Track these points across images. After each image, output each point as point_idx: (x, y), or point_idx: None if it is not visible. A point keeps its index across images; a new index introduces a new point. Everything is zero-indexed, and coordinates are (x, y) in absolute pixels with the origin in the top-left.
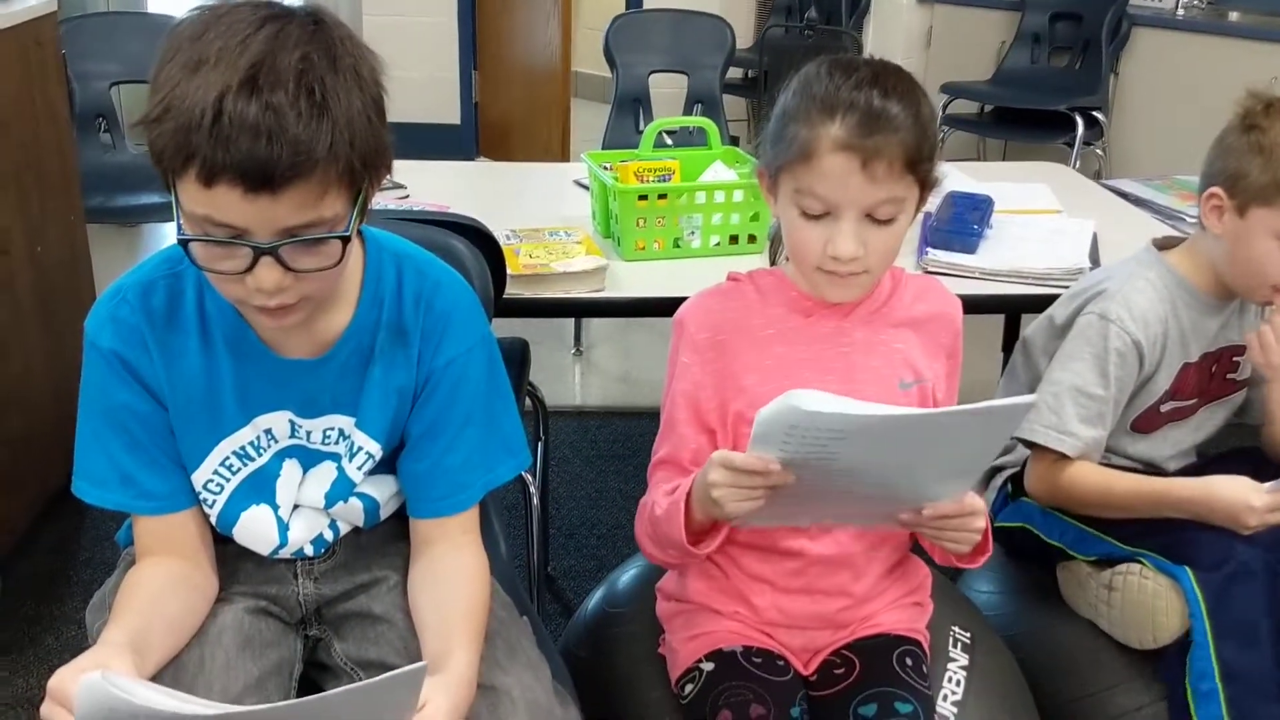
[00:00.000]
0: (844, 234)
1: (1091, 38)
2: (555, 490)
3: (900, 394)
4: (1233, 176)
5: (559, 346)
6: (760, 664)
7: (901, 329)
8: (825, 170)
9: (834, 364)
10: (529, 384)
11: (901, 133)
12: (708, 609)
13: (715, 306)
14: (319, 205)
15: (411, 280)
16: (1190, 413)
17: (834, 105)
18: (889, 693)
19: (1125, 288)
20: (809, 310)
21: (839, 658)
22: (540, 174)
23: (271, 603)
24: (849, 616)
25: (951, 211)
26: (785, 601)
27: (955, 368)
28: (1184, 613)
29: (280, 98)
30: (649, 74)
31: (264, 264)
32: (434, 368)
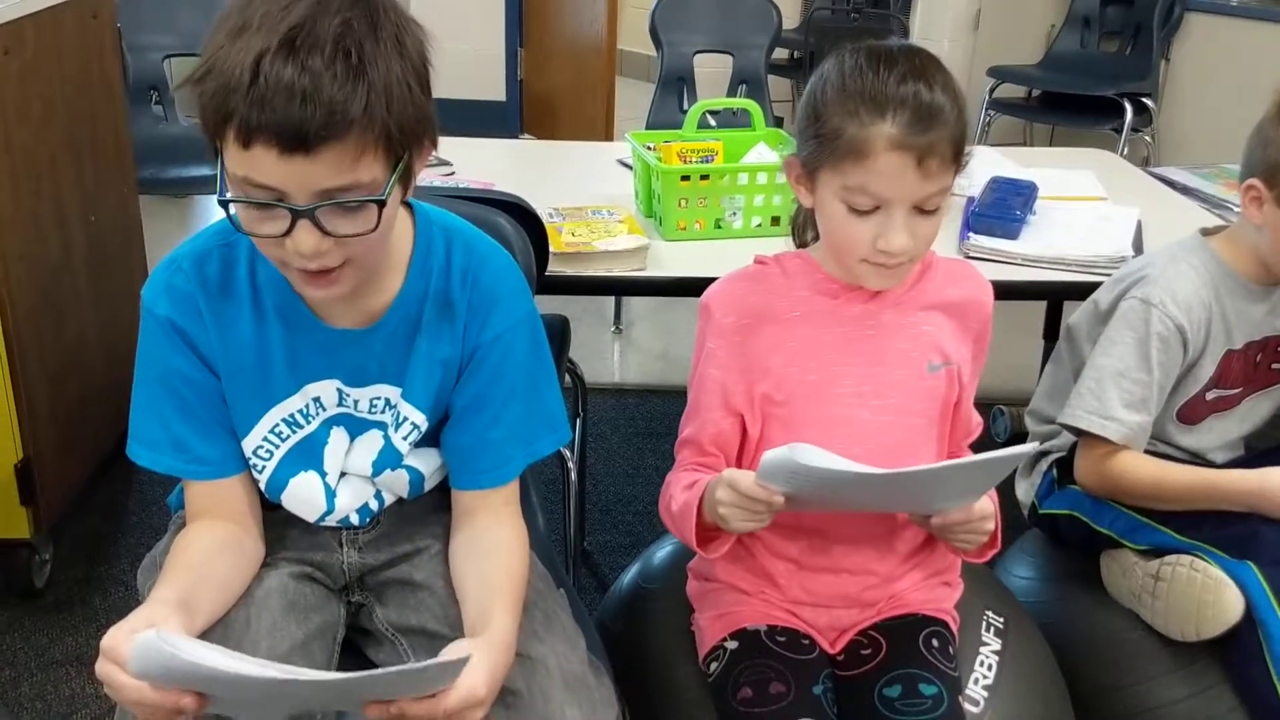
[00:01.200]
0: (896, 228)
1: (1143, 22)
2: (593, 467)
3: (929, 376)
4: (1273, 167)
5: (599, 324)
6: (784, 643)
7: (931, 311)
8: (880, 169)
9: (861, 346)
10: (569, 361)
11: (950, 125)
12: (734, 589)
13: (741, 291)
14: (355, 168)
15: (460, 254)
16: (1235, 402)
17: (883, 102)
18: (914, 674)
19: (1168, 272)
20: (836, 293)
21: (865, 638)
22: (584, 153)
23: (316, 569)
24: (875, 595)
25: (994, 197)
26: (810, 580)
27: (981, 351)
28: (1232, 608)
29: (316, 60)
30: (694, 53)
31: (301, 226)
32: (480, 342)
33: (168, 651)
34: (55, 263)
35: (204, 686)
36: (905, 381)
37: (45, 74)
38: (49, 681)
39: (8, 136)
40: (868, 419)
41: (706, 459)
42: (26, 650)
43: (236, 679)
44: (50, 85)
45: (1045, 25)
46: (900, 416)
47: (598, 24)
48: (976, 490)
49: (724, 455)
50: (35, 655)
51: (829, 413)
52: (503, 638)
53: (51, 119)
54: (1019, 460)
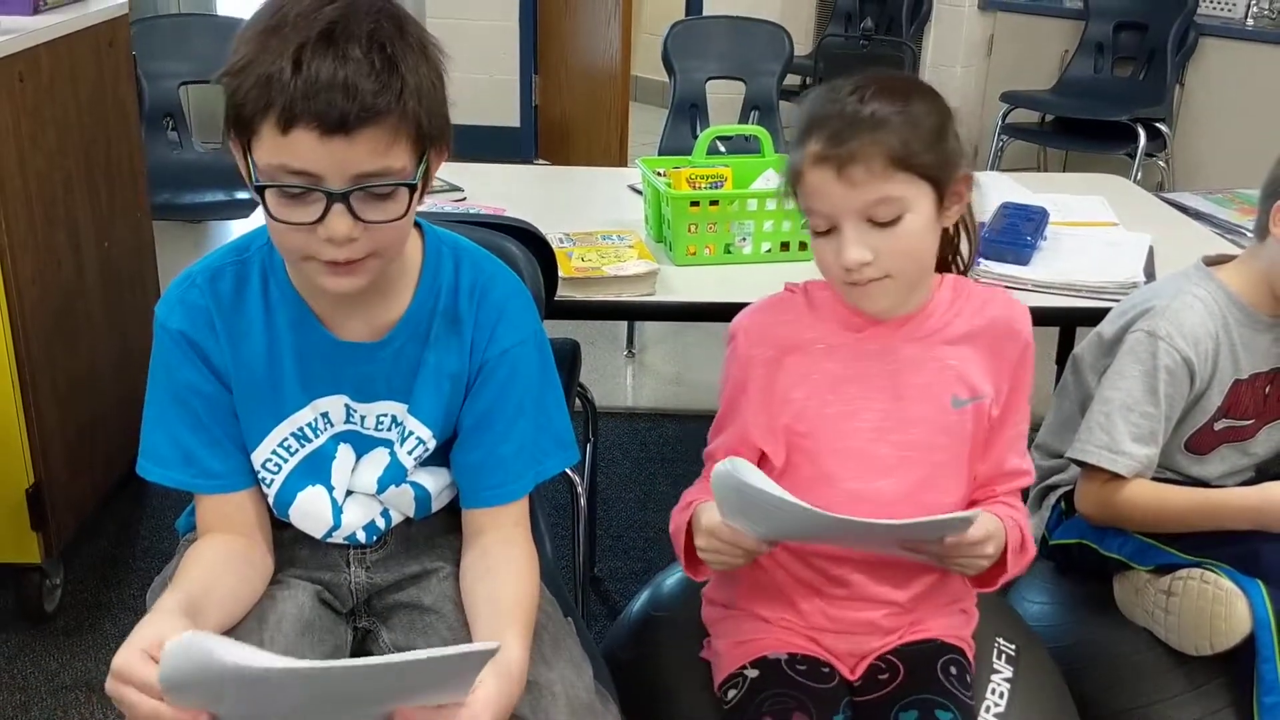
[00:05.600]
0: (846, 242)
1: (1157, 47)
2: (604, 492)
3: (953, 412)
4: None
5: (612, 348)
6: (804, 671)
7: (959, 344)
8: (812, 186)
9: (881, 381)
10: (579, 385)
11: (878, 132)
12: (755, 615)
13: (768, 321)
14: (389, 154)
15: (468, 271)
16: (1249, 433)
17: (811, 124)
18: (930, 700)
19: (1174, 304)
20: (859, 326)
21: (884, 662)
22: (596, 178)
23: (326, 589)
24: (896, 622)
25: (1005, 223)
26: (832, 608)
27: (1024, 382)
28: (1243, 618)
29: (355, 51)
30: (706, 80)
31: (336, 211)
32: (487, 358)
33: (203, 655)
34: (68, 287)
35: (233, 690)
36: (928, 417)
37: (60, 100)
38: (59, 706)
39: (23, 161)
40: (888, 454)
41: None
42: (37, 675)
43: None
44: (65, 111)
45: (1059, 50)
46: (923, 452)
47: (612, 51)
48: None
49: None
50: (45, 680)
51: (849, 446)
52: (514, 668)
53: (66, 145)
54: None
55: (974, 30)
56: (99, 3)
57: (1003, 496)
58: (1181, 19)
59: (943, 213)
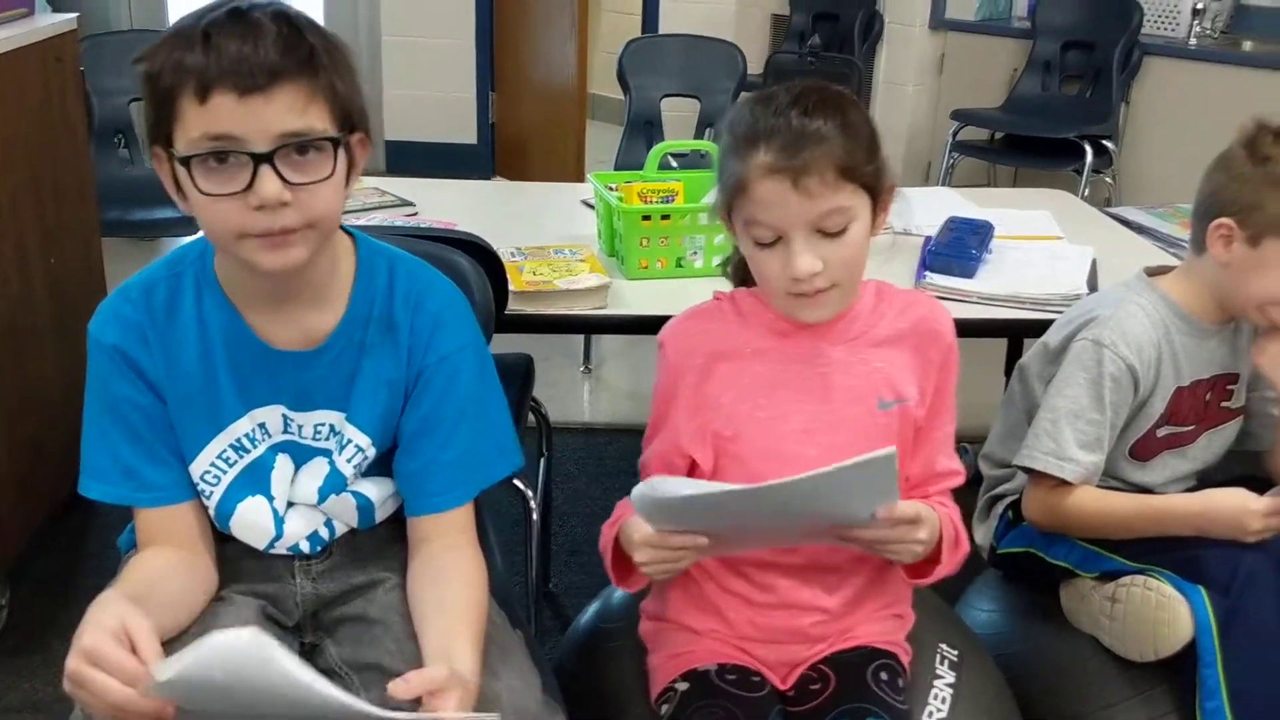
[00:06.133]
0: (797, 253)
1: (1103, 66)
2: (560, 507)
3: (879, 414)
4: (1246, 208)
5: (568, 363)
6: (734, 681)
7: (884, 347)
8: (762, 197)
9: (810, 384)
10: (533, 399)
11: (827, 144)
12: (685, 628)
13: (697, 329)
14: (307, 112)
15: (403, 280)
16: (1189, 439)
17: (756, 135)
18: (860, 708)
19: (1118, 313)
20: (786, 331)
21: (815, 672)
22: (550, 194)
23: (270, 603)
24: (824, 630)
25: (951, 236)
26: (760, 616)
27: (948, 382)
28: (1186, 624)
29: (261, 18)
30: (662, 97)
31: (263, 174)
32: (426, 364)
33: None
34: (14, 304)
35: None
36: (855, 419)
37: (7, 115)
38: None
39: None
40: (816, 456)
41: None
42: None
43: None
44: (12, 126)
45: (1008, 69)
46: (851, 454)
47: (568, 68)
48: (874, 497)
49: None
50: None
51: (777, 449)
52: (469, 676)
53: (12, 160)
54: (886, 463)
55: (925, 49)
56: (47, 19)
57: (936, 496)
58: (1126, 38)
59: (875, 223)
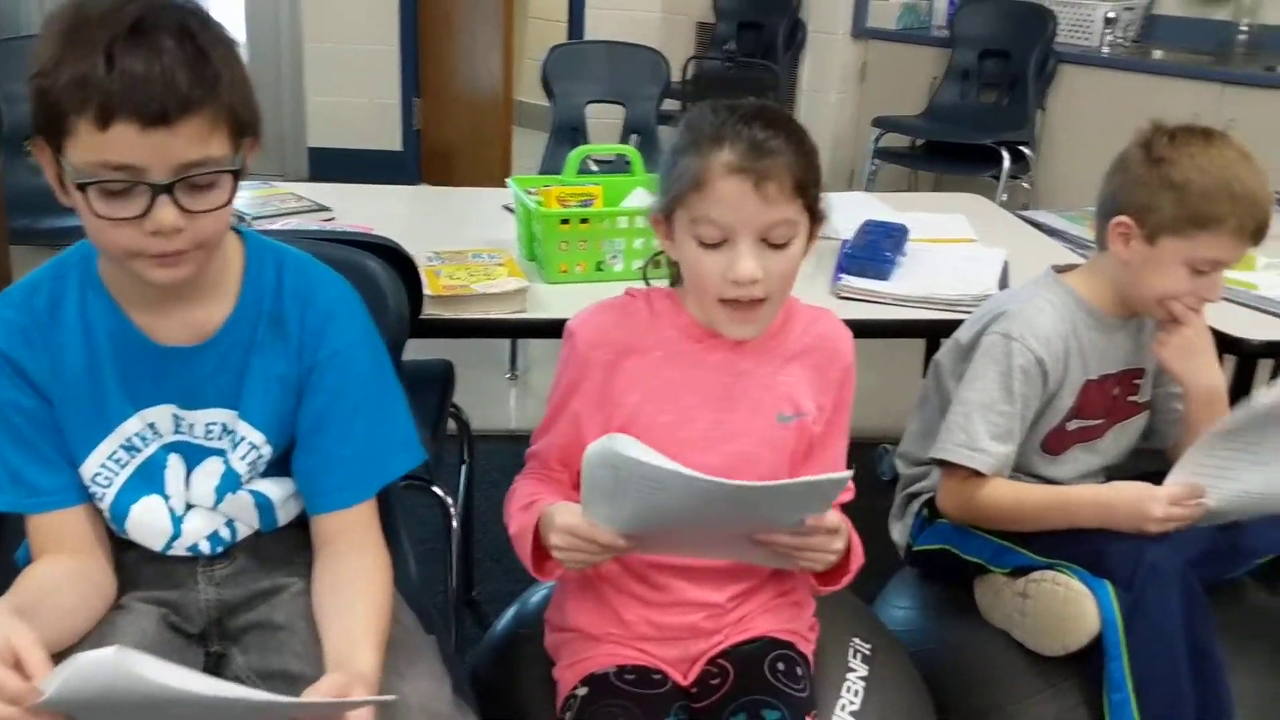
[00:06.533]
0: (743, 255)
1: (1019, 74)
2: (485, 514)
3: (778, 426)
4: (1143, 208)
5: (494, 370)
6: (633, 680)
7: (791, 363)
8: (720, 195)
9: (715, 392)
10: (453, 406)
11: (787, 157)
12: (584, 635)
13: (607, 323)
14: (209, 142)
15: (291, 276)
16: (1098, 433)
17: (722, 135)
18: (757, 700)
19: (1027, 308)
20: (700, 337)
21: (715, 666)
22: (471, 199)
23: (173, 611)
24: (717, 624)
25: (866, 239)
26: (655, 615)
27: (845, 402)
28: (1093, 619)
29: (167, 42)
30: (586, 103)
31: (161, 203)
32: (318, 360)
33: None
34: None
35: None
36: (755, 430)
37: None
38: None
39: None
40: (717, 463)
41: (552, 473)
42: None
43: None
44: None
45: (928, 77)
46: (749, 464)
47: (493, 75)
48: (808, 512)
49: (569, 471)
50: None
51: (679, 454)
52: (371, 679)
53: None
54: (839, 485)
55: (847, 57)
56: None
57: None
58: (1041, 47)
59: (807, 247)
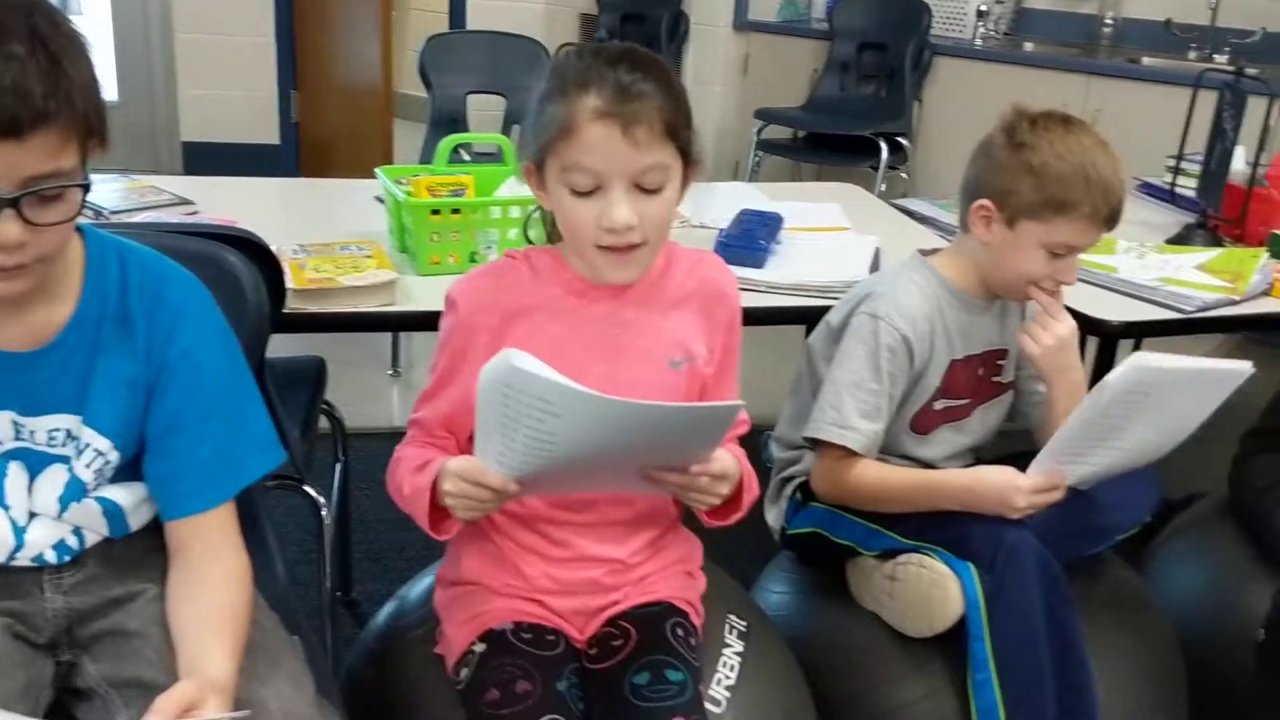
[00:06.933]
0: (616, 202)
1: (896, 66)
2: (365, 514)
3: (670, 372)
4: (1003, 191)
5: (376, 366)
6: (530, 640)
7: (676, 308)
8: (589, 141)
9: (604, 344)
10: (325, 403)
11: (656, 100)
12: (481, 586)
13: (489, 288)
14: (60, 156)
15: (136, 273)
16: (964, 413)
17: (587, 80)
18: (661, 660)
19: (893, 289)
20: (583, 291)
21: (616, 628)
22: (342, 191)
23: (18, 620)
24: (618, 580)
25: (741, 228)
26: (555, 569)
27: (734, 343)
28: (957, 600)
29: (17, 48)
30: (466, 94)
31: (5, 217)
32: (167, 360)
33: None
34: None
35: None
36: (646, 377)
37: None
38: None
39: None
40: None
41: (436, 439)
42: None
43: None
44: None
45: (809, 70)
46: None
47: (372, 66)
48: (702, 443)
49: (454, 437)
50: None
51: None
52: (223, 682)
53: None
54: (732, 412)
55: (730, 50)
56: None
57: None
58: (917, 39)
59: (681, 192)
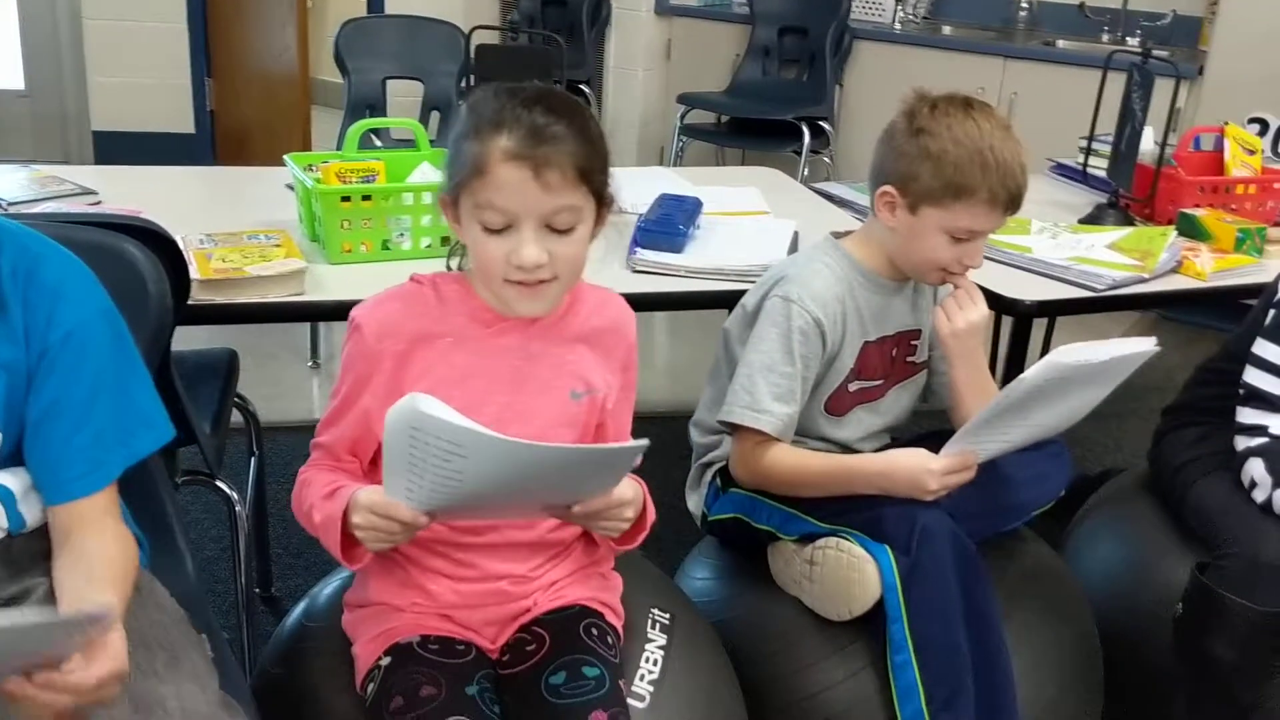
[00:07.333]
0: (526, 241)
1: (817, 51)
2: (284, 509)
3: (571, 403)
4: (905, 177)
5: (295, 359)
6: (436, 650)
7: (579, 343)
8: (500, 181)
9: (507, 375)
10: (238, 396)
11: (569, 144)
12: (388, 606)
13: (395, 313)
14: None
15: (9, 253)
16: (878, 394)
17: (501, 121)
18: (576, 659)
19: (805, 271)
20: (490, 321)
21: (529, 634)
22: (252, 179)
23: None
24: (524, 589)
25: (660, 213)
26: (459, 586)
27: (630, 381)
28: (874, 583)
29: None
30: (383, 80)
31: None
32: (49, 343)
33: None
34: None
35: None
36: (547, 408)
37: None
38: None
39: None
40: None
41: (342, 464)
42: None
43: None
44: None
45: (731, 54)
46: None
47: (288, 53)
48: (606, 480)
49: (359, 460)
50: None
51: None
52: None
53: None
54: (635, 453)
55: (652, 34)
56: None
57: None
58: (837, 24)
59: (595, 230)
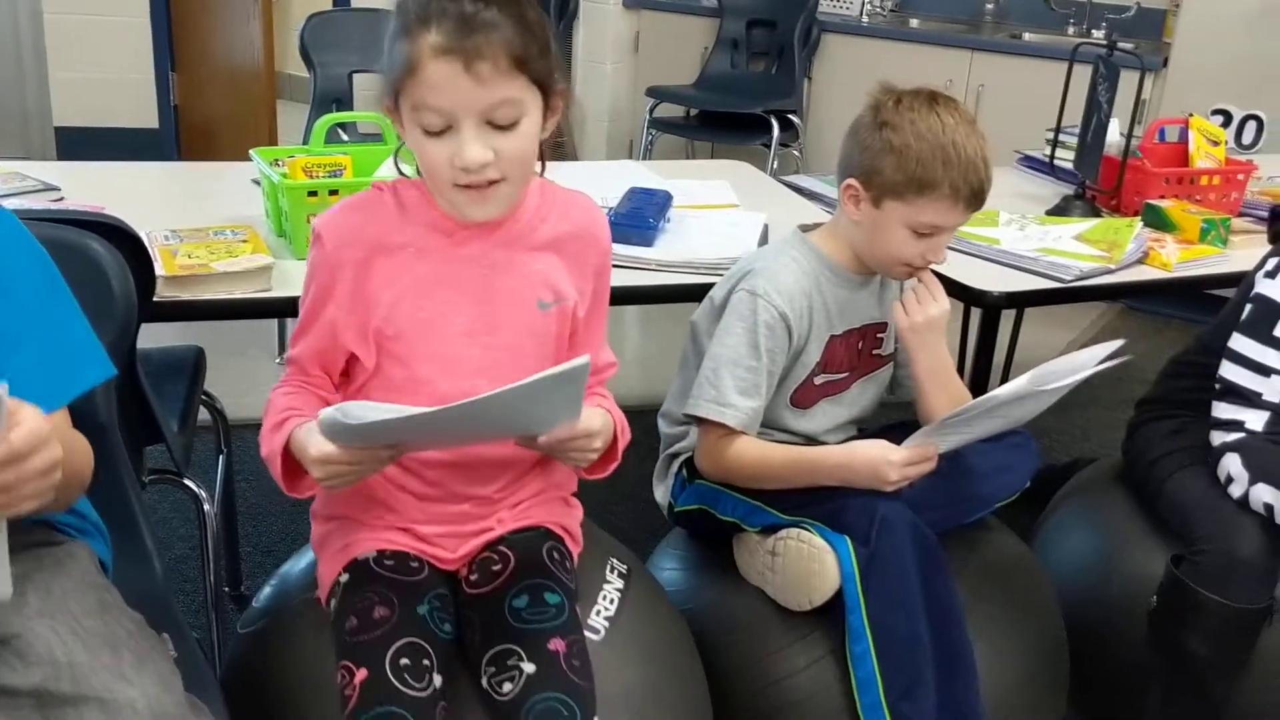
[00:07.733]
0: (467, 141)
1: (785, 44)
2: (254, 506)
3: (539, 314)
4: (868, 171)
5: (263, 356)
6: (391, 566)
7: (545, 251)
8: (431, 79)
9: (471, 285)
10: (205, 394)
11: (500, 31)
12: (352, 520)
13: (356, 221)
14: None
15: None
16: (844, 386)
17: (428, 15)
18: (539, 584)
19: (772, 265)
20: (450, 230)
21: (495, 553)
22: (218, 174)
23: None
24: (486, 510)
25: (629, 206)
26: (425, 504)
27: (604, 284)
28: (834, 574)
29: None
30: (350, 73)
31: None
32: None
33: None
34: None
35: None
36: (515, 319)
37: None
38: None
39: None
40: (479, 356)
41: (311, 379)
42: None
43: None
44: None
45: (699, 47)
46: (513, 354)
47: (254, 47)
48: (563, 411)
49: (328, 374)
50: None
51: (440, 350)
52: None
53: None
54: (579, 374)
55: (620, 28)
56: None
57: (596, 389)
58: (805, 17)
59: (545, 123)
